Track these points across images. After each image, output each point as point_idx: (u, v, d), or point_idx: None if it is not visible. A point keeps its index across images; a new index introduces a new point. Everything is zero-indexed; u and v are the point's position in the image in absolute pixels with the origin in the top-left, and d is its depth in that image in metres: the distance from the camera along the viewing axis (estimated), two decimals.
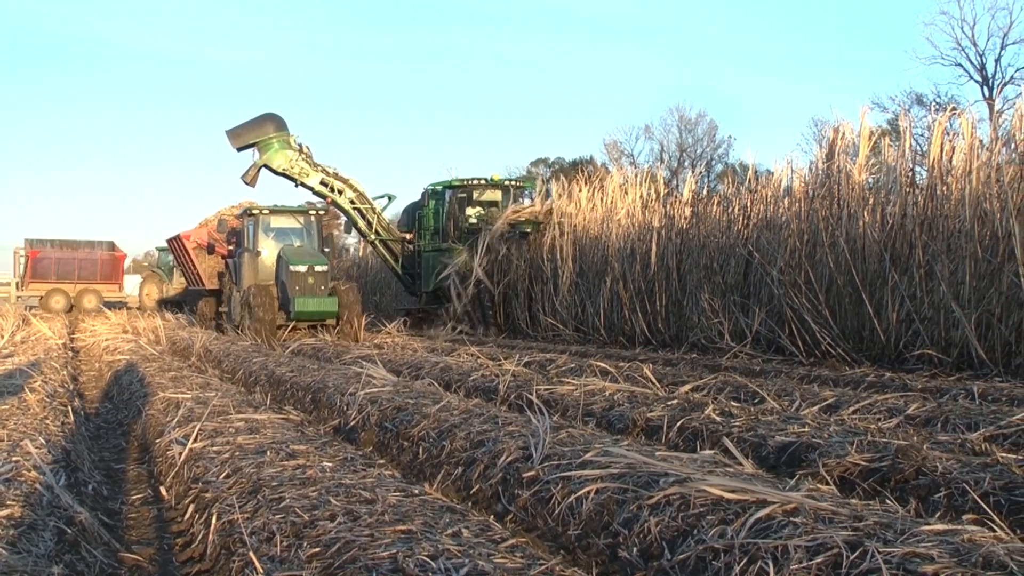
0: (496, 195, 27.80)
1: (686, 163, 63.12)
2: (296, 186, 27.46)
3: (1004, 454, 5.97)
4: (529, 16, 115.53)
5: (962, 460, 5.83)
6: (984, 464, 5.67)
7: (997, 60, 49.38)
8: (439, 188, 28.08)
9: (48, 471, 5.98)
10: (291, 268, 22.32)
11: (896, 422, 7.90)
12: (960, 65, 50.17)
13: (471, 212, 27.22)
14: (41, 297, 45.59)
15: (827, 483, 5.66)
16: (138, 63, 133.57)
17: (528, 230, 24.54)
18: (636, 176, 24.41)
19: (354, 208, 28.25)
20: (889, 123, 42.06)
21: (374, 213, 28.71)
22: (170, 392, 10.54)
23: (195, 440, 7.50)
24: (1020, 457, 5.93)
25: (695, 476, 5.17)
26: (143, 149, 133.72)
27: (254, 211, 24.49)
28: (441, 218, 27.59)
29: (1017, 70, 48.57)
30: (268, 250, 24.05)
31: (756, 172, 20.58)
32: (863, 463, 6.04)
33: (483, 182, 27.91)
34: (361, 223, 28.48)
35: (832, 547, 3.96)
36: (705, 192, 24.81)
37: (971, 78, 50.10)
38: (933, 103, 46.58)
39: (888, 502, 5.12)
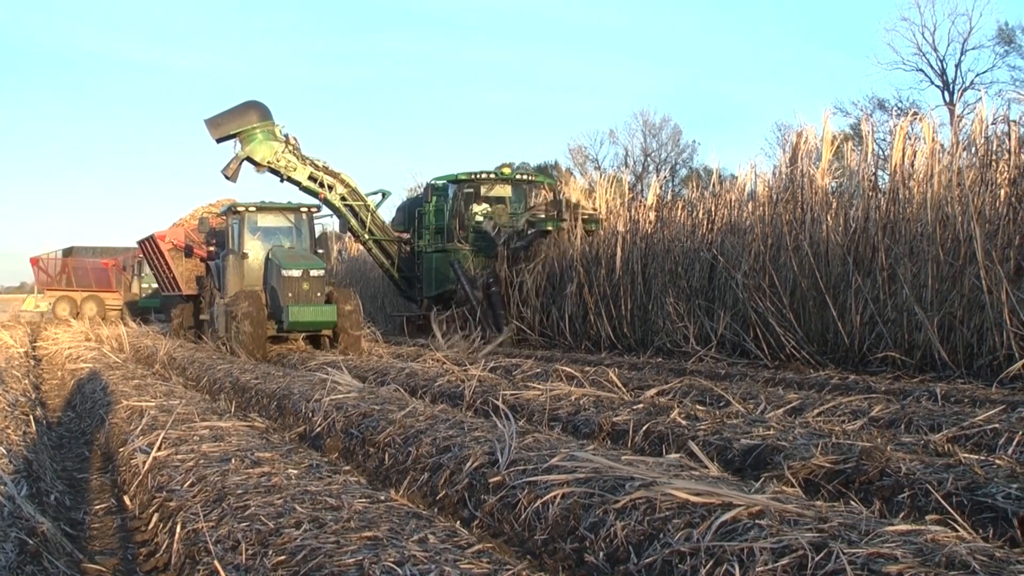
0: (506, 190, 25.61)
1: (651, 168, 63.33)
2: (282, 181, 25.04)
3: (966, 455, 6.02)
4: (493, 23, 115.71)
5: (925, 461, 5.87)
6: (947, 465, 5.72)
7: (957, 65, 49.97)
8: (442, 183, 25.83)
9: (9, 481, 5.92)
10: (283, 273, 19.65)
11: (860, 424, 7.95)
12: (921, 70, 50.71)
13: (478, 209, 24.98)
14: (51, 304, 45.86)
15: (792, 485, 5.68)
16: (107, 69, 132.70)
17: (549, 228, 22.33)
18: (601, 180, 24.46)
19: (346, 205, 25.66)
20: (852, 128, 42.34)
21: (368, 211, 26.07)
22: (134, 400, 10.46)
23: (159, 448, 7.44)
24: (982, 458, 5.98)
25: (661, 480, 5.17)
26: (117, 153, 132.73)
27: (239, 208, 21.62)
28: (445, 216, 25.21)
29: (977, 75, 49.14)
30: (254, 252, 21.28)
31: (720, 176, 20.72)
32: (828, 465, 6.07)
33: (492, 176, 25.56)
34: (354, 222, 25.80)
35: (797, 549, 3.97)
36: (670, 196, 24.96)
37: (932, 83, 50.65)
38: (895, 108, 47.06)
39: (852, 503, 5.16)
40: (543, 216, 22.88)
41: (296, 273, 19.67)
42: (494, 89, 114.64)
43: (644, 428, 7.88)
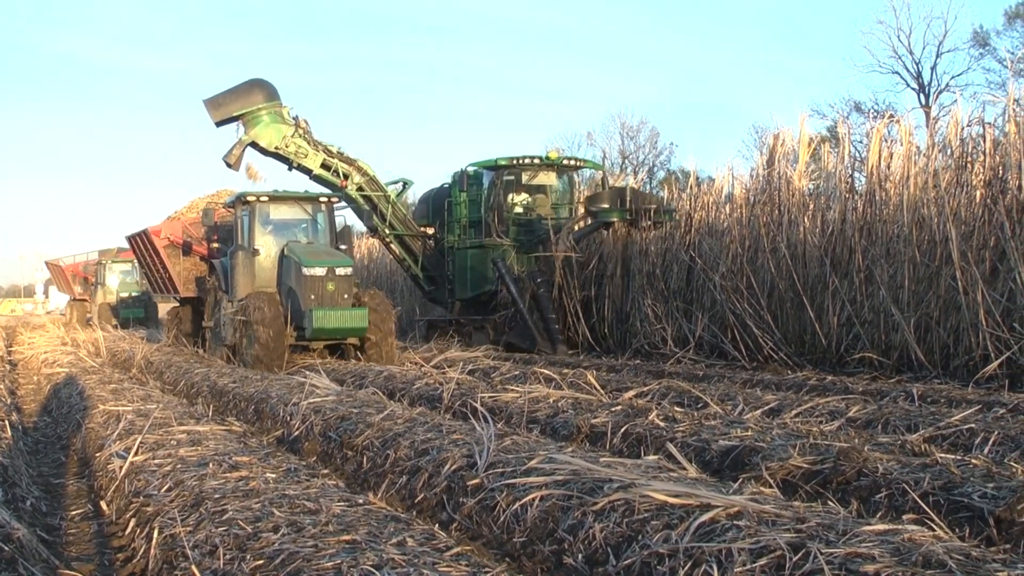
0: (550, 178, 22.81)
1: (628, 169, 63.34)
2: (290, 169, 22.31)
3: (943, 454, 6.05)
4: (469, 27, 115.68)
5: (902, 461, 5.90)
6: (923, 465, 5.74)
7: (933, 68, 50.15)
8: (477, 170, 22.78)
9: None
10: (304, 271, 17.05)
11: (838, 424, 7.98)
12: (897, 73, 50.89)
13: (517, 199, 22.35)
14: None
15: (770, 486, 5.69)
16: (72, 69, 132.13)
17: (614, 219, 19.79)
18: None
19: (363, 197, 22.76)
20: (828, 130, 42.47)
21: (388, 203, 23.10)
22: (110, 405, 10.40)
23: (136, 453, 7.40)
24: (958, 457, 6.01)
25: (639, 482, 5.18)
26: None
27: (249, 198, 18.64)
28: (481, 207, 22.26)
29: (952, 78, 49.33)
30: (265, 248, 18.59)
31: (698, 179, 20.73)
32: (805, 465, 6.09)
33: (536, 161, 22.42)
34: (373, 215, 22.98)
35: (775, 549, 3.98)
36: None
37: (908, 86, 50.82)
38: (871, 110, 47.13)
39: (830, 503, 5.17)
40: (606, 205, 20.08)
41: (320, 272, 17.14)
42: (470, 92, 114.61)
43: (622, 430, 7.89)
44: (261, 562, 4.47)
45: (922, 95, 49.75)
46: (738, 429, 7.46)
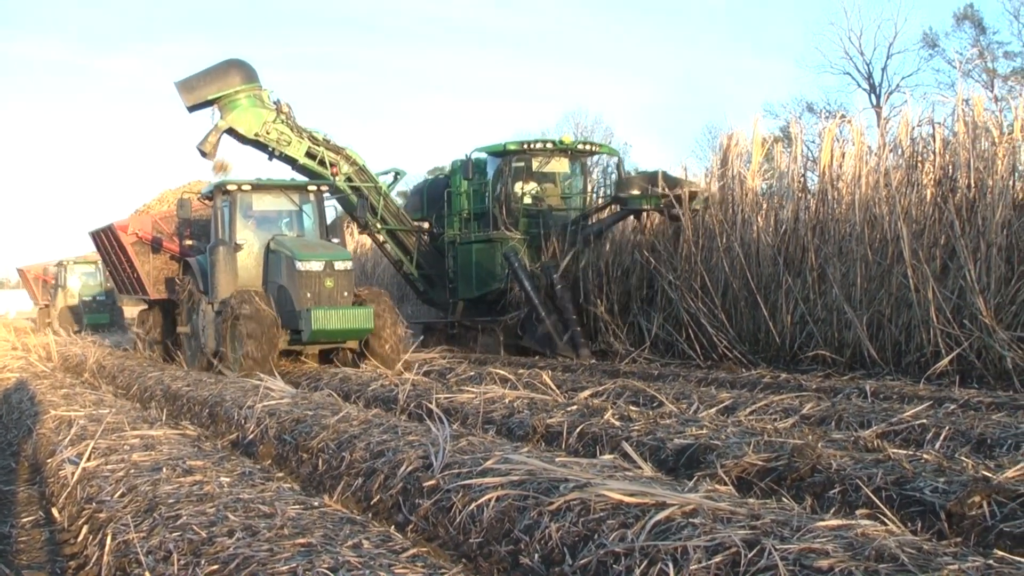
0: (562, 165, 20.85)
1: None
2: (271, 158, 20.40)
3: (895, 450, 6.11)
4: (418, 26, 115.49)
5: (855, 457, 5.96)
6: (876, 460, 5.80)
7: (883, 69, 50.82)
8: (480, 157, 20.74)
9: None
10: (299, 266, 15.41)
11: (792, 422, 8.04)
12: (848, 74, 51.58)
13: (526, 188, 20.50)
14: None
15: (725, 483, 5.73)
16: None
17: (646, 206, 18.02)
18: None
19: (352, 188, 20.58)
20: (781, 130, 42.79)
21: (379, 195, 21.08)
22: (62, 410, 10.28)
23: (88, 459, 7.32)
24: (910, 453, 6.08)
25: (595, 481, 5.19)
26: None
27: (229, 187, 16.64)
28: (487, 198, 20.34)
29: (903, 78, 50.00)
30: (247, 243, 16.65)
31: None
32: (760, 463, 6.13)
33: (549, 146, 20.53)
34: (364, 208, 19.67)
35: (730, 546, 4.00)
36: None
37: (859, 86, 51.49)
38: (823, 111, 47.53)
39: (784, 500, 5.21)
40: (636, 192, 18.09)
41: (316, 267, 15.47)
42: (421, 92, 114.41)
43: (578, 430, 7.90)
44: (216, 567, 4.44)
45: (873, 96, 50.40)
46: (693, 427, 7.50)
